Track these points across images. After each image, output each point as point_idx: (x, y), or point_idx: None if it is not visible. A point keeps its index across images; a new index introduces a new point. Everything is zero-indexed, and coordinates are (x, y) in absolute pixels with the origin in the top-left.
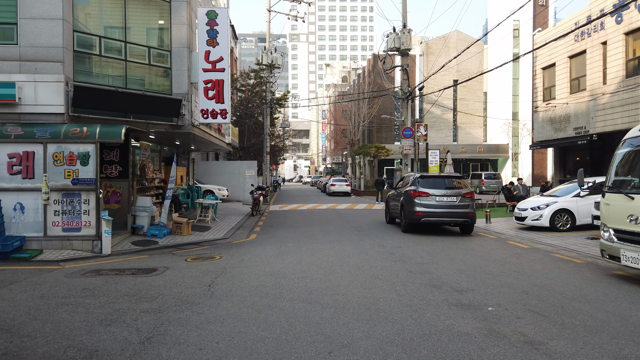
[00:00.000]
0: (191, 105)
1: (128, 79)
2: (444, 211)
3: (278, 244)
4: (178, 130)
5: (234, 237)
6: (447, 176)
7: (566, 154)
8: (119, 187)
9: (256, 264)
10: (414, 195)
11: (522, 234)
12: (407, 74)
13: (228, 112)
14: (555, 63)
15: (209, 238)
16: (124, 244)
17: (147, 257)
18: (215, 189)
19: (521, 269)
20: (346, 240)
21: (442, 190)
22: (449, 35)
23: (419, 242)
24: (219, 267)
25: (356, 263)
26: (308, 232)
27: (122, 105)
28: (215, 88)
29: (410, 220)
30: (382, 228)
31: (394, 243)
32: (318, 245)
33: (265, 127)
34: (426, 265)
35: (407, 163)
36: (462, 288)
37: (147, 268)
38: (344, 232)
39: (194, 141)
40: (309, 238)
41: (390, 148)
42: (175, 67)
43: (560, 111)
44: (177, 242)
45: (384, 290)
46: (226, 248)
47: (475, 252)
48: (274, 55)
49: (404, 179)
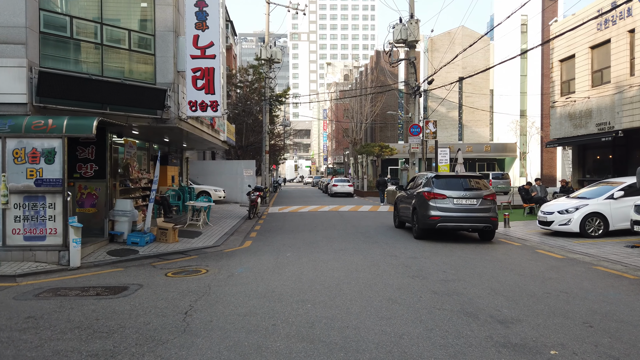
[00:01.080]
0: (178, 96)
1: (105, 66)
2: (463, 215)
3: (275, 254)
4: (163, 125)
5: (226, 245)
6: (466, 176)
7: (585, 152)
8: (94, 189)
9: (247, 281)
10: (428, 198)
11: (549, 240)
12: (415, 67)
13: (219, 105)
14: (575, 54)
15: (198, 246)
16: (98, 254)
17: (121, 271)
18: (211, 189)
19: (567, 288)
20: (353, 248)
21: (460, 192)
22: (455, 31)
23: (436, 252)
24: (202, 284)
25: (367, 280)
26: (309, 238)
27: (97, 95)
28: (204, 77)
29: (424, 225)
30: (391, 234)
31: (407, 252)
32: (321, 256)
33: (265, 125)
34: (452, 283)
35: (414, 162)
36: (505, 318)
37: (117, 286)
38: (349, 238)
39: (186, 139)
40: (310, 246)
41: (395, 147)
42: (159, 53)
43: (580, 106)
44: (160, 251)
45: (407, 322)
46: (215, 258)
47: (504, 265)
48: (273, 50)
49: (415, 179)
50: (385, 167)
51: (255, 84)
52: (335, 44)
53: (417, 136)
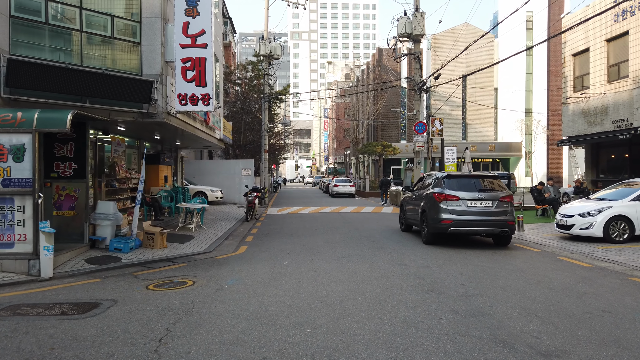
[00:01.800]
0: (166, 89)
1: (85, 55)
2: (477, 219)
3: (271, 261)
4: (149, 120)
5: (219, 250)
6: (480, 176)
7: (599, 151)
8: (73, 190)
9: (238, 296)
10: (439, 200)
11: (570, 245)
12: (420, 62)
13: (212, 98)
14: (589, 48)
15: (188, 252)
16: (75, 262)
17: (98, 283)
18: (208, 190)
19: (609, 305)
20: (357, 255)
21: (474, 193)
22: (458, 28)
23: (449, 260)
24: (186, 300)
25: (375, 295)
26: (310, 243)
27: (75, 86)
28: (195, 68)
29: (435, 229)
30: (397, 238)
31: (418, 260)
32: (322, 264)
33: (263, 123)
34: (474, 300)
35: (419, 162)
36: (547, 348)
37: (88, 302)
38: (353, 243)
39: (179, 136)
40: (310, 252)
41: (397, 146)
42: (145, 42)
43: (595, 102)
44: (145, 259)
45: (428, 354)
46: (205, 267)
47: (529, 275)
48: (272, 45)
49: (424, 179)
50: (388, 167)
51: (254, 81)
52: (336, 43)
53: (422, 134)
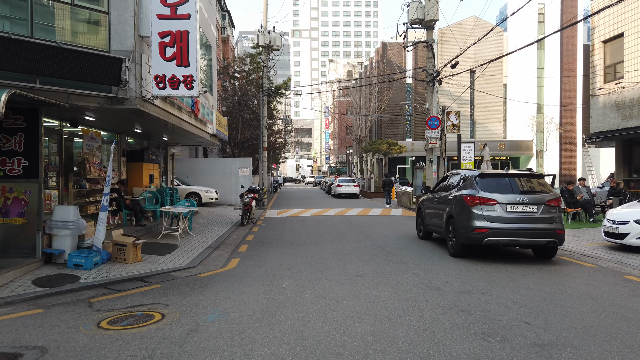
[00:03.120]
0: (141, 69)
1: (36, 25)
2: (520, 227)
3: (267, 282)
4: (119, 107)
5: (204, 265)
6: (519, 174)
7: (631, 148)
8: (23, 192)
9: (217, 345)
10: (471, 204)
11: (627, 258)
12: (433, 51)
13: (195, 81)
14: (624, 33)
15: (167, 267)
16: (19, 284)
17: (38, 315)
18: (202, 190)
19: None
20: (374, 274)
21: (515, 196)
22: (466, 22)
23: (491, 280)
24: (143, 351)
25: (412, 343)
26: (314, 255)
27: (21, 62)
28: (176, 44)
29: (466, 239)
30: (417, 248)
31: (453, 282)
32: (332, 287)
33: (262, 119)
34: (555, 352)
35: (431, 160)
36: None
37: (4, 353)
38: (366, 255)
39: (166, 130)
40: (316, 268)
41: (403, 145)
42: (115, 12)
43: (630, 93)
44: (111, 278)
45: None
46: (183, 290)
47: (605, 306)
48: (271, 35)
49: (448, 178)
50: (392, 167)
51: (252, 74)
52: (337, 40)
53: (436, 130)
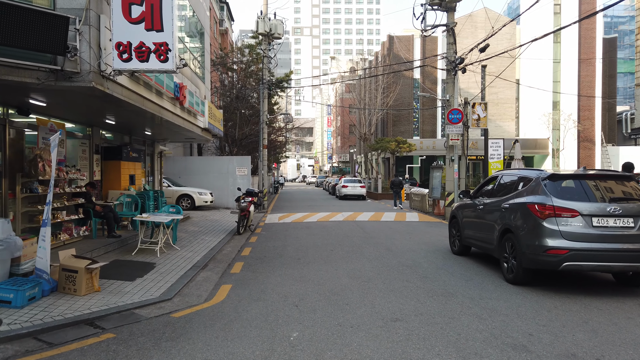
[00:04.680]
0: (98, 35)
1: None
2: (611, 248)
3: (268, 332)
4: (66, 83)
5: (184, 296)
6: (605, 175)
7: None
8: None
9: None
10: (542, 215)
11: None
12: (454, 36)
13: (171, 50)
14: None
15: (130, 302)
16: None
17: None
18: (195, 192)
19: None
20: (416, 314)
21: (602, 205)
22: (476, 14)
23: (593, 330)
24: None
25: None
26: (328, 281)
27: None
28: (145, 1)
29: (534, 263)
30: (458, 269)
31: (537, 332)
32: (363, 344)
33: (262, 113)
34: None
35: (452, 158)
36: None
37: None
38: (395, 281)
39: (144, 120)
40: (334, 306)
41: (413, 143)
42: None
43: None
44: (49, 320)
45: None
46: (145, 346)
47: None
48: (272, 22)
49: (497, 180)
50: (401, 166)
51: (252, 66)
52: (338, 38)
53: (458, 124)
